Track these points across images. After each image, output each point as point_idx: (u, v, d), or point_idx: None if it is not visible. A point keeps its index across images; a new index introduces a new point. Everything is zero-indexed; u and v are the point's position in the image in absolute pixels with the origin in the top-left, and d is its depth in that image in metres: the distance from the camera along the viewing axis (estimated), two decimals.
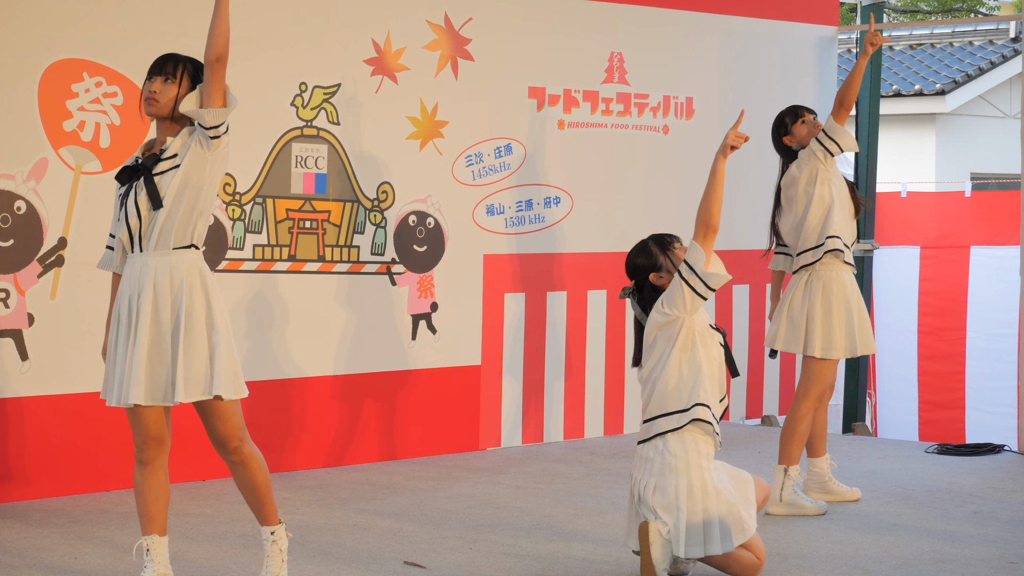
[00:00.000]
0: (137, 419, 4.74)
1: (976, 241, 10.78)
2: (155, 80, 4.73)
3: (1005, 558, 5.72)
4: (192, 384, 4.64)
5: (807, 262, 6.62)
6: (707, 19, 9.08)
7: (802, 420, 6.61)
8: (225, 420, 4.74)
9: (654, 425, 5.22)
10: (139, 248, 4.71)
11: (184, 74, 4.74)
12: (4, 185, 6.43)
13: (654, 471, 5.18)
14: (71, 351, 6.62)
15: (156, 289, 4.66)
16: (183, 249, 4.70)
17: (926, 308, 10.98)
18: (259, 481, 4.84)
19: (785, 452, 6.59)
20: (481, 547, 5.80)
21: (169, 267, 4.67)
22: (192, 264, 4.71)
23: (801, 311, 6.63)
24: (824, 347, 6.58)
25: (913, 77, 19.20)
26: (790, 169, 6.74)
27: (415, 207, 7.80)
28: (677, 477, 5.15)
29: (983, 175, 18.97)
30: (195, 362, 4.65)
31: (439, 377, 7.92)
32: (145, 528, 4.82)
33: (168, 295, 4.66)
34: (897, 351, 11.03)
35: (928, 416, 10.90)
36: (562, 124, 8.42)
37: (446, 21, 7.86)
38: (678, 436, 5.18)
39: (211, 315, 4.69)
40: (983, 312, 10.59)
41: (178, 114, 4.74)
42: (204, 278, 4.72)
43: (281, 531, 4.90)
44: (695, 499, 5.14)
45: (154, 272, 4.67)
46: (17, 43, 6.44)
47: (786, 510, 6.51)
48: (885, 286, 10.96)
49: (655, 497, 5.14)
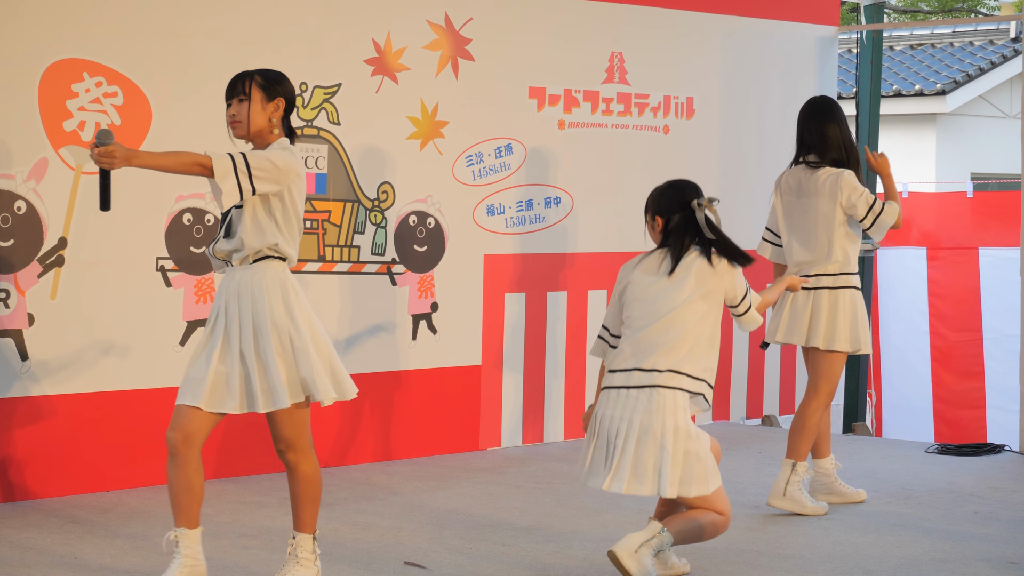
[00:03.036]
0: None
1: (983, 242, 10.78)
2: (231, 104, 4.84)
3: (1006, 558, 5.71)
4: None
5: (822, 281, 6.62)
6: (707, 19, 9.08)
7: (812, 416, 6.58)
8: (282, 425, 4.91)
9: (660, 377, 5.15)
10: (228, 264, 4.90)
11: (252, 86, 4.82)
12: (4, 185, 6.43)
13: (638, 409, 5.13)
14: (71, 351, 6.62)
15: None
16: (262, 261, 4.86)
17: (936, 310, 10.96)
18: (295, 492, 4.96)
19: (793, 447, 6.56)
20: (481, 547, 5.80)
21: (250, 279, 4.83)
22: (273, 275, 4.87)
23: (805, 303, 6.62)
24: (828, 339, 6.56)
25: (913, 77, 19.21)
26: (819, 176, 6.64)
27: (415, 207, 7.80)
28: (664, 416, 5.10)
29: (983, 175, 18.98)
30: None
31: (439, 377, 7.92)
32: (176, 520, 4.84)
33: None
34: (907, 352, 11.02)
35: (946, 416, 10.88)
36: (562, 124, 8.42)
37: (446, 21, 7.86)
38: (673, 392, 5.17)
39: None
40: (999, 312, 10.56)
41: (261, 127, 4.84)
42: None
43: (304, 541, 4.95)
44: (679, 440, 5.10)
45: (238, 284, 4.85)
46: (17, 43, 6.44)
47: (788, 505, 6.49)
48: (890, 287, 10.95)
49: (635, 439, 5.09)
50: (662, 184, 5.42)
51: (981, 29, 20.39)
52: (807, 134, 6.70)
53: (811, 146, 6.67)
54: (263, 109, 4.83)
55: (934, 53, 20.05)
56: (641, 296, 5.27)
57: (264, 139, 4.86)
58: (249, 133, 4.85)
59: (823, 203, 6.57)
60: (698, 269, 5.25)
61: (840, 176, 6.53)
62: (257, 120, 4.83)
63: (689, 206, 5.29)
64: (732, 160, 9.12)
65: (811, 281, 6.57)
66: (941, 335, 10.99)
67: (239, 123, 4.83)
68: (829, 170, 6.60)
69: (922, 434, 10.70)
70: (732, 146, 9.15)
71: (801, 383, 9.54)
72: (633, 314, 5.28)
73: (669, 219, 5.32)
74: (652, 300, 5.24)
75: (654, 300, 5.24)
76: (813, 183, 6.62)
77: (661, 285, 5.25)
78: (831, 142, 6.63)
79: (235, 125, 4.84)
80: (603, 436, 5.22)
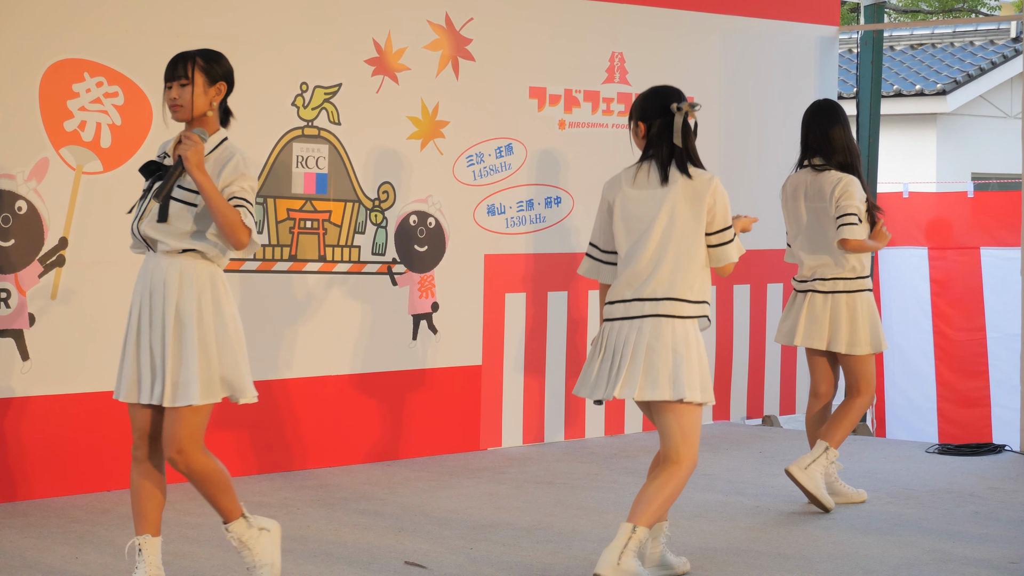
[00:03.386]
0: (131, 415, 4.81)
1: (984, 242, 10.77)
2: (172, 87, 4.76)
3: (1006, 558, 5.71)
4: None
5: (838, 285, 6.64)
6: (708, 19, 9.08)
7: (858, 411, 6.66)
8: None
9: (661, 306, 5.04)
10: (152, 250, 4.77)
11: (195, 70, 4.74)
12: (5, 185, 6.43)
13: (644, 331, 5.02)
14: (72, 351, 6.62)
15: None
16: (188, 253, 4.74)
17: (939, 309, 10.95)
18: (202, 491, 4.80)
19: (830, 433, 6.62)
20: (481, 547, 5.80)
21: (179, 269, 4.72)
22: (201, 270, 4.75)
23: (824, 307, 6.65)
24: (850, 343, 6.62)
25: (914, 77, 19.20)
26: (825, 180, 6.63)
27: (416, 207, 7.80)
28: (674, 334, 5.01)
29: (984, 175, 18.98)
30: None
31: (440, 377, 7.91)
32: (138, 528, 4.80)
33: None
34: (910, 351, 11.01)
35: (951, 415, 10.87)
36: (563, 124, 8.42)
37: (447, 21, 7.86)
38: (674, 321, 5.07)
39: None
40: (1002, 312, 10.55)
41: (203, 112, 4.75)
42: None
43: (237, 527, 4.82)
44: (691, 347, 5.02)
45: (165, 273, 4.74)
46: (18, 43, 6.44)
47: (805, 480, 6.47)
48: (893, 286, 10.95)
49: (645, 347, 5.00)
50: (647, 89, 5.29)
51: (981, 29, 20.39)
52: (811, 137, 6.71)
53: (816, 149, 6.69)
54: (204, 93, 4.75)
55: (934, 53, 20.05)
56: (631, 215, 5.11)
57: (202, 122, 4.78)
58: (191, 118, 4.76)
59: (831, 207, 6.60)
60: (684, 182, 5.09)
61: (849, 182, 6.57)
62: (199, 105, 4.75)
63: (670, 111, 5.13)
64: (732, 160, 9.12)
65: (827, 285, 6.62)
66: (944, 334, 10.97)
67: (181, 107, 4.74)
68: (836, 174, 6.61)
69: (927, 433, 10.69)
70: (732, 146, 9.14)
71: (801, 383, 9.55)
72: (624, 236, 5.13)
73: (651, 124, 5.17)
74: (642, 219, 5.09)
75: (644, 219, 5.08)
76: (820, 187, 6.64)
77: (651, 200, 5.09)
78: (836, 145, 6.64)
79: (176, 109, 4.75)
80: (609, 349, 5.10)
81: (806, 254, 6.71)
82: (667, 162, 5.11)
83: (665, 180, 5.09)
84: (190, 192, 4.70)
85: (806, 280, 6.73)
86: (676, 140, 5.11)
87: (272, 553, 4.86)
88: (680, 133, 5.11)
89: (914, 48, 20.45)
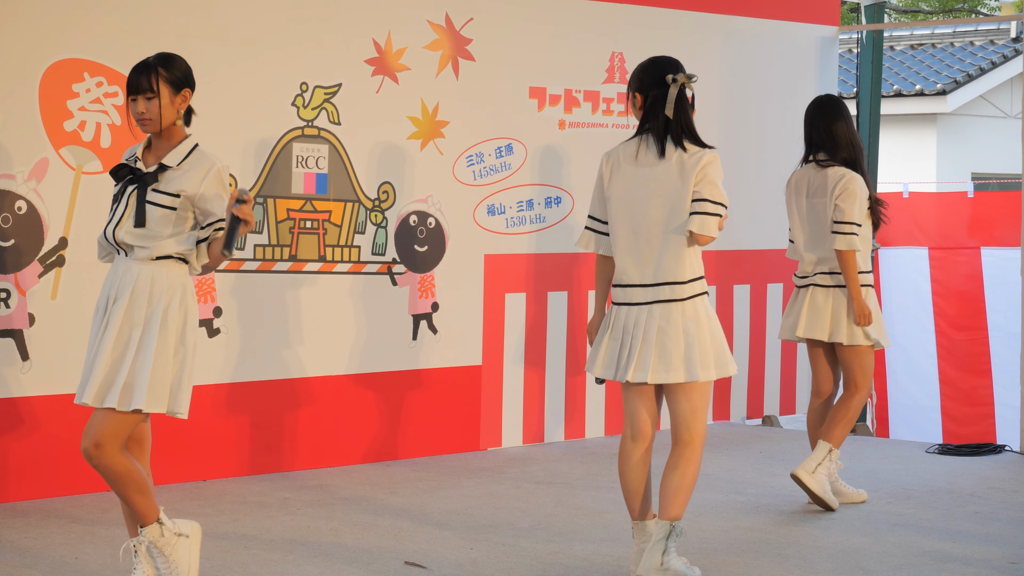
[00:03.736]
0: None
1: (984, 242, 10.77)
2: (138, 100, 4.70)
3: (1006, 558, 5.71)
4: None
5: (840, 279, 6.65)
6: (707, 19, 9.08)
7: (856, 409, 6.67)
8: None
9: (663, 291, 5.03)
10: (124, 254, 4.74)
11: (160, 82, 4.69)
12: (5, 185, 6.43)
13: (653, 315, 5.01)
14: (72, 351, 6.61)
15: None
16: (164, 259, 4.72)
17: (940, 309, 10.96)
18: (116, 491, 4.72)
19: (830, 432, 6.62)
20: (481, 547, 5.80)
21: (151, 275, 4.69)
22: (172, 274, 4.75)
23: (825, 300, 6.66)
24: (851, 334, 6.62)
25: (914, 77, 19.20)
26: (829, 175, 6.62)
27: (416, 207, 7.80)
28: (684, 317, 5.00)
29: (984, 175, 18.97)
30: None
31: (440, 377, 7.91)
32: (132, 530, 4.81)
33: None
34: (913, 351, 11.01)
35: (955, 414, 10.87)
36: (563, 124, 8.42)
37: (447, 21, 7.86)
38: (680, 304, 5.06)
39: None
40: (1003, 312, 10.56)
41: (171, 123, 4.72)
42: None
43: (151, 531, 4.74)
44: (702, 326, 5.02)
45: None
46: (18, 43, 6.44)
47: (813, 484, 6.47)
48: (893, 287, 10.95)
49: (656, 330, 4.99)
50: (645, 60, 5.25)
51: (982, 29, 20.39)
52: (815, 133, 6.71)
53: (820, 144, 6.69)
54: (171, 103, 4.72)
55: (935, 53, 20.05)
56: (632, 197, 5.08)
57: (170, 132, 4.75)
58: (160, 129, 4.73)
59: (831, 204, 6.59)
60: (678, 156, 5.05)
61: (851, 180, 6.56)
62: (168, 116, 4.71)
63: (666, 82, 5.08)
64: (732, 160, 9.11)
65: (829, 279, 6.66)
66: (946, 333, 10.98)
67: (150, 121, 4.70)
68: (839, 170, 6.61)
69: (931, 432, 10.71)
70: (732, 146, 9.14)
71: (802, 383, 9.55)
72: (623, 217, 5.09)
73: (647, 96, 5.12)
74: (642, 201, 5.06)
75: (644, 200, 5.05)
76: (822, 182, 6.64)
77: (649, 180, 5.05)
78: (840, 140, 6.65)
79: (145, 123, 4.71)
80: (618, 329, 5.07)
81: (808, 250, 6.72)
82: (663, 135, 5.07)
83: (662, 154, 5.05)
84: (170, 196, 4.68)
85: (807, 276, 6.73)
86: (667, 111, 5.05)
87: (189, 560, 4.78)
88: (673, 104, 5.06)
89: (914, 48, 20.44)
